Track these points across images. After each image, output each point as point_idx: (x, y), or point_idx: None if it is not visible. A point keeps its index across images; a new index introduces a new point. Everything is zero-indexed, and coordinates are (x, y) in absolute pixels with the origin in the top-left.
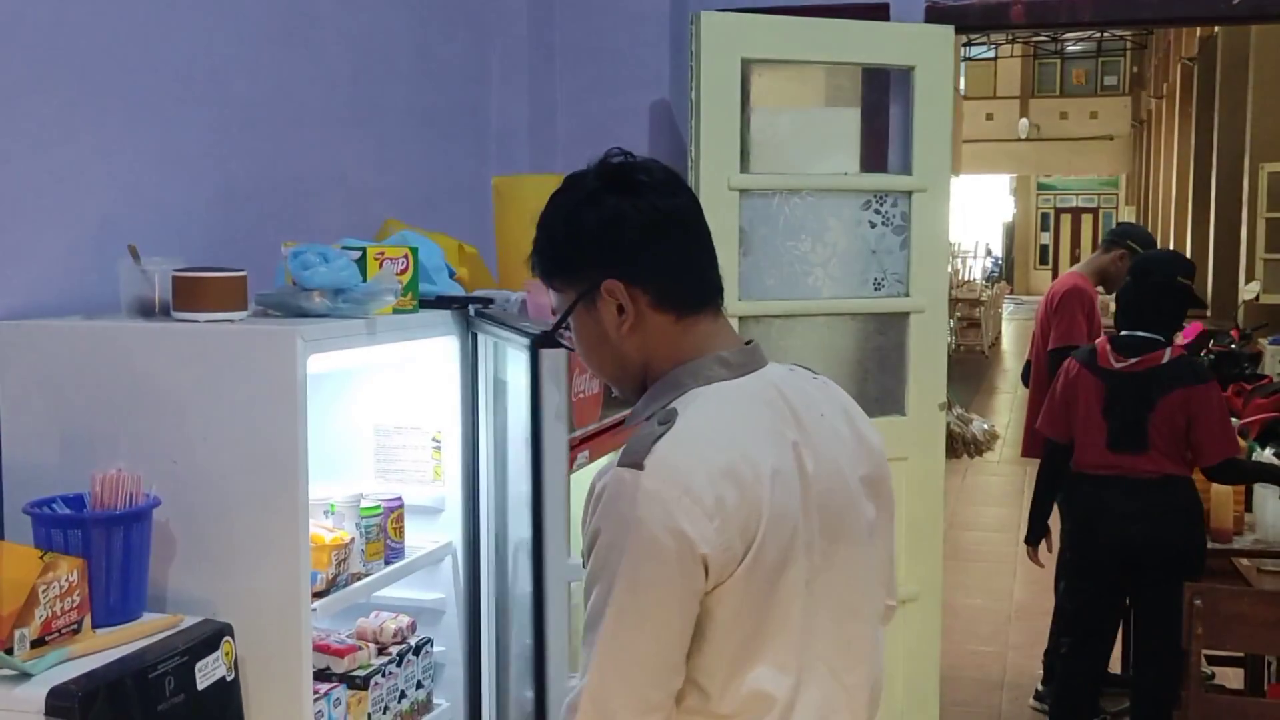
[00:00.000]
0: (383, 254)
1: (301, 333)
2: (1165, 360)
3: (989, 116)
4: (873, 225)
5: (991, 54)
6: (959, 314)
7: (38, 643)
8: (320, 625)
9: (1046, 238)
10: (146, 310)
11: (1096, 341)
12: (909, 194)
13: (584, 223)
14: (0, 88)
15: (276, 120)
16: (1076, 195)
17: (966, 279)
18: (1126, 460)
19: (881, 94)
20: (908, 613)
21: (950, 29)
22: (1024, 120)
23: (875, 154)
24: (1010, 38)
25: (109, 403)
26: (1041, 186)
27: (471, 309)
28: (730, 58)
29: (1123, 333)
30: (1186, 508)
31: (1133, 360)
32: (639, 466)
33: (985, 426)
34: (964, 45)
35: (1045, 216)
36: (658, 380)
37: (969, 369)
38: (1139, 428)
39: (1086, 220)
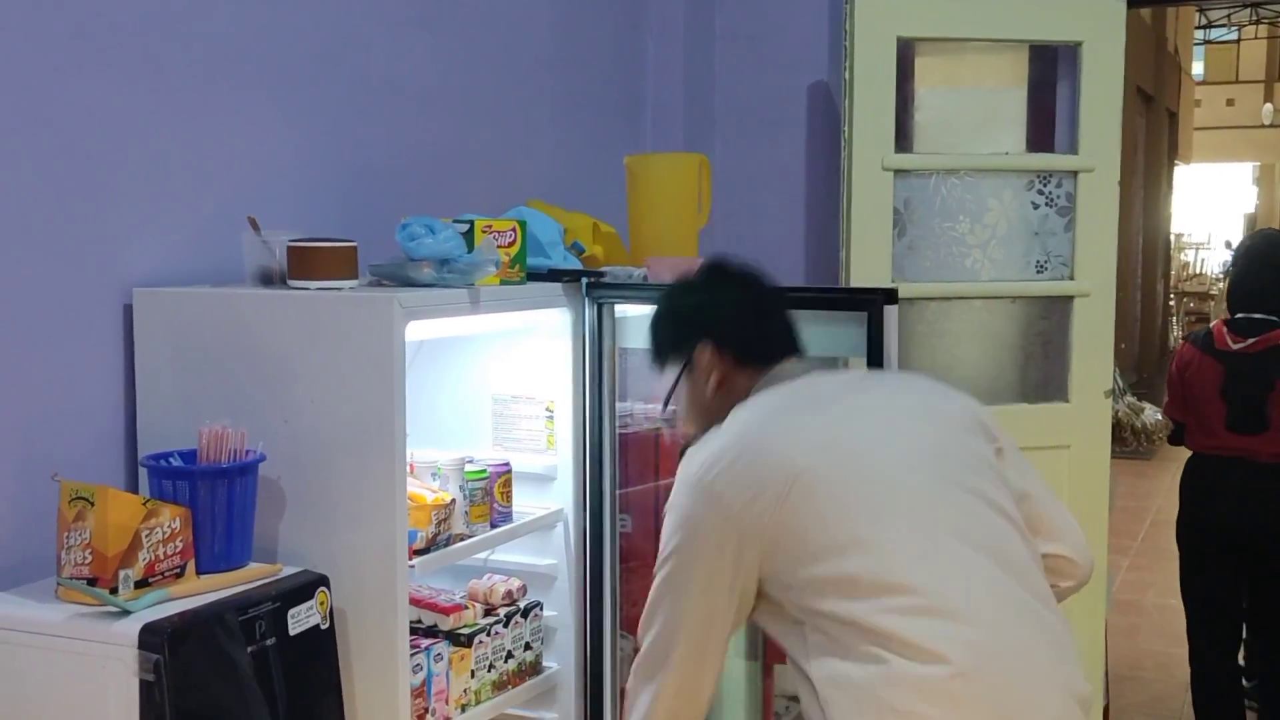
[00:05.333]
0: (490, 227)
1: (399, 300)
2: None
3: (1229, 102)
4: (1035, 206)
5: (1234, 36)
6: (1187, 307)
7: (141, 583)
8: (435, 584)
9: None
10: (268, 279)
11: (1212, 325)
12: (1074, 174)
13: (682, 306)
14: (143, 63)
15: (417, 100)
16: None
17: (1197, 272)
18: (1246, 442)
19: (1049, 70)
20: (1067, 607)
21: (1122, 3)
22: (1268, 105)
23: (1043, 133)
24: (1255, 18)
25: (231, 366)
26: None
27: (583, 282)
28: (885, 37)
29: (1238, 315)
30: None
31: (1251, 340)
32: (682, 461)
33: (1158, 416)
34: (1203, 28)
35: None
36: None
37: None
38: (1258, 408)
39: None
